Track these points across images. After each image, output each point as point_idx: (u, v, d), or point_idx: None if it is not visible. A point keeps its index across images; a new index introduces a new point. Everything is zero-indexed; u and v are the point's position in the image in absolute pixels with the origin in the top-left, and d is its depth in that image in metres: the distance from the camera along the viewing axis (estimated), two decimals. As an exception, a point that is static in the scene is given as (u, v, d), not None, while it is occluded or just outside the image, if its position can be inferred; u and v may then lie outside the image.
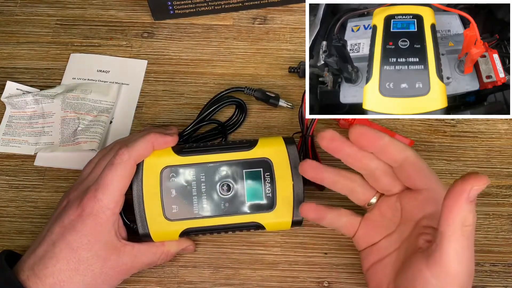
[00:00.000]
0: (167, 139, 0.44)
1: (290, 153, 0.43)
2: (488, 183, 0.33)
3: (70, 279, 0.40)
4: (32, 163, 0.52)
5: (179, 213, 0.43)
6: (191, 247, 0.47)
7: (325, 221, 0.43)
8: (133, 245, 0.43)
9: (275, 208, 0.43)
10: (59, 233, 0.41)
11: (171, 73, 0.57)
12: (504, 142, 0.53)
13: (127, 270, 0.43)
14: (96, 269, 0.41)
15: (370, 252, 0.42)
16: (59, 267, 0.40)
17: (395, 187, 0.41)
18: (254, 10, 0.60)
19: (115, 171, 0.41)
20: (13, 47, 0.59)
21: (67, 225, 0.41)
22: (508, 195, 0.50)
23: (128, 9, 0.61)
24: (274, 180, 0.43)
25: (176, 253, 0.46)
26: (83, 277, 0.40)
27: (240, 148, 0.44)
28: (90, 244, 0.40)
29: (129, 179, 0.42)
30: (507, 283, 0.47)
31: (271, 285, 0.47)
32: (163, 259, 0.45)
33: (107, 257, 0.41)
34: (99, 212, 0.41)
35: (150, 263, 0.44)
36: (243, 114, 0.53)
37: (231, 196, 0.43)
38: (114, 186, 0.41)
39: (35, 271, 0.40)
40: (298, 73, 0.55)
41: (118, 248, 0.42)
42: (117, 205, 0.42)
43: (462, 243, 0.35)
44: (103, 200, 0.41)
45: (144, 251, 0.43)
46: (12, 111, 0.55)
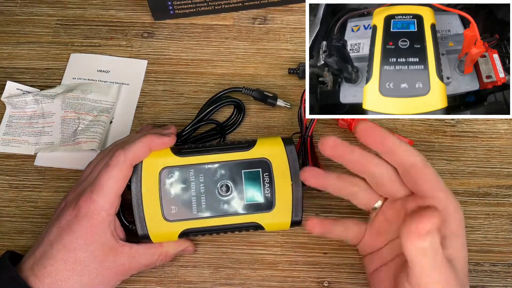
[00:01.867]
0: (164, 140, 0.44)
1: (288, 153, 0.43)
2: (438, 221, 0.33)
3: (68, 279, 0.40)
4: (32, 163, 0.52)
5: (178, 214, 0.43)
6: (190, 248, 0.47)
7: (331, 235, 0.42)
8: (131, 246, 0.43)
9: (274, 208, 0.43)
10: (56, 234, 0.41)
11: (171, 73, 0.57)
12: (504, 142, 0.53)
13: (125, 271, 0.43)
14: (93, 269, 0.41)
15: (374, 257, 0.42)
16: (56, 267, 0.40)
17: (400, 192, 0.40)
18: (254, 10, 0.60)
19: (110, 173, 0.41)
20: (13, 47, 0.59)
21: (64, 226, 0.41)
22: (508, 195, 0.50)
23: (128, 9, 0.61)
24: (273, 181, 0.43)
25: (175, 254, 0.46)
26: (81, 277, 0.40)
27: (238, 149, 0.44)
28: (86, 244, 0.41)
29: (124, 180, 0.42)
30: (507, 283, 0.47)
31: (271, 285, 0.47)
32: (161, 260, 0.45)
33: (104, 258, 0.41)
34: (94, 213, 0.41)
35: (149, 264, 0.44)
36: (241, 114, 0.53)
37: (230, 196, 0.43)
38: (110, 188, 0.41)
39: (35, 271, 0.40)
40: (298, 74, 0.55)
41: (115, 249, 0.42)
42: (112, 206, 0.42)
43: (427, 264, 0.34)
44: (98, 201, 0.41)
45: (142, 252, 0.43)
46: (12, 111, 0.55)
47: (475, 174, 0.51)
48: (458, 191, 0.50)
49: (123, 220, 0.45)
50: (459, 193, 0.50)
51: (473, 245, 0.48)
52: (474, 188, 0.51)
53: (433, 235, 0.33)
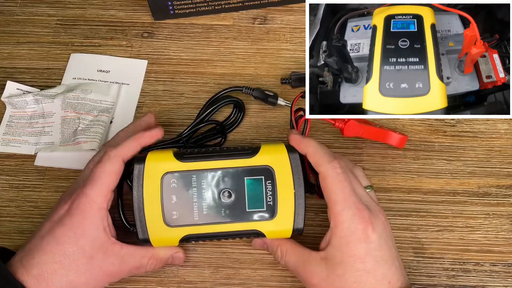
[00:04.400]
0: (152, 133, 0.45)
1: (292, 161, 0.43)
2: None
3: (55, 272, 0.40)
4: (32, 163, 0.52)
5: (179, 220, 0.42)
6: (180, 254, 0.45)
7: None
8: (122, 245, 0.42)
9: (276, 216, 0.42)
10: (48, 228, 0.41)
11: (171, 73, 0.57)
12: (504, 142, 0.53)
13: (115, 273, 0.42)
14: (81, 265, 0.40)
15: None
16: (44, 258, 0.40)
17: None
18: (254, 10, 0.60)
19: (102, 167, 0.42)
20: (13, 47, 0.59)
21: (56, 220, 0.42)
22: (508, 195, 0.50)
23: (128, 9, 0.61)
24: (276, 188, 0.43)
25: (165, 259, 0.45)
26: (67, 271, 0.40)
27: (242, 155, 0.43)
28: (76, 237, 0.40)
29: (117, 175, 0.42)
30: (507, 283, 0.47)
31: (272, 285, 0.47)
32: (151, 264, 0.44)
33: (93, 254, 0.41)
34: (86, 206, 0.41)
35: (139, 266, 0.43)
36: (241, 113, 0.53)
37: (232, 203, 0.43)
38: (101, 181, 0.41)
39: (23, 262, 0.40)
40: (290, 83, 0.55)
41: (106, 246, 0.42)
42: (105, 200, 0.42)
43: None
44: (90, 195, 0.41)
45: (132, 253, 0.43)
46: (12, 111, 0.55)
47: (475, 174, 0.51)
48: (458, 191, 0.51)
49: (124, 221, 0.45)
50: (459, 193, 0.50)
51: (473, 245, 0.48)
52: (474, 188, 0.51)
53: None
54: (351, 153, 0.52)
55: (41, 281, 0.39)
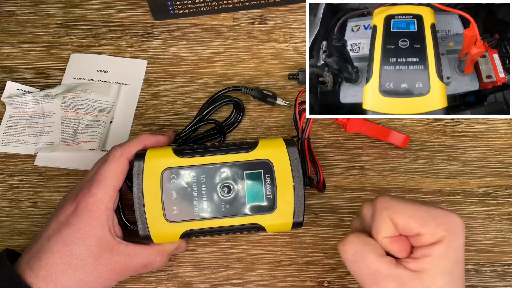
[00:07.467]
0: (158, 138, 0.46)
1: (290, 155, 0.43)
2: None
3: (62, 272, 0.40)
4: (32, 163, 0.52)
5: (179, 215, 0.43)
6: (183, 244, 0.47)
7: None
8: (127, 244, 0.43)
9: (276, 209, 0.43)
10: (55, 229, 0.41)
11: (171, 73, 0.57)
12: (504, 142, 0.53)
13: (121, 270, 0.43)
14: (88, 264, 0.41)
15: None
16: (52, 260, 0.40)
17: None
18: (254, 10, 0.60)
19: (108, 167, 0.42)
20: (13, 47, 0.59)
21: (62, 221, 0.42)
22: (508, 195, 0.50)
23: (128, 9, 0.61)
24: (275, 182, 0.43)
25: (171, 251, 0.46)
26: (75, 272, 0.40)
27: (240, 150, 0.44)
28: (83, 238, 0.41)
29: (122, 174, 0.43)
30: (507, 283, 0.47)
31: (271, 285, 0.47)
32: (159, 261, 0.44)
33: (100, 253, 0.41)
34: (93, 206, 0.41)
35: (146, 264, 0.44)
36: (240, 113, 0.53)
37: (232, 197, 0.43)
38: (108, 181, 0.42)
39: (30, 264, 0.40)
40: (297, 79, 0.55)
41: (112, 245, 0.42)
42: (111, 199, 0.42)
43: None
44: (97, 194, 0.41)
45: (138, 251, 0.43)
46: (12, 111, 0.55)
47: (475, 174, 0.51)
48: (458, 191, 0.51)
49: (124, 220, 0.45)
50: (459, 193, 0.50)
51: (473, 245, 0.48)
52: (474, 188, 0.51)
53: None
54: (351, 153, 0.52)
55: (49, 282, 0.40)
